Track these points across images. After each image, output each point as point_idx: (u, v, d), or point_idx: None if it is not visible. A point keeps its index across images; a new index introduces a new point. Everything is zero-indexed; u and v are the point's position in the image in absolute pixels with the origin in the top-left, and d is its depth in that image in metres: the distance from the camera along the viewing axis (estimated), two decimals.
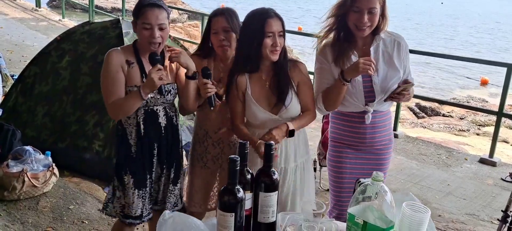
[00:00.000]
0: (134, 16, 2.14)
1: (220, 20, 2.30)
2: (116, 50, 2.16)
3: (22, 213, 3.20)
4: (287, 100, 2.15)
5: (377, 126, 2.29)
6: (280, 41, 2.11)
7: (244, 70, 2.18)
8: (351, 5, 2.10)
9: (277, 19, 2.11)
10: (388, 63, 2.22)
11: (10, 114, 4.09)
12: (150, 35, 2.08)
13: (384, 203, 1.50)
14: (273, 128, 2.12)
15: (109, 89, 2.13)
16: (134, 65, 2.15)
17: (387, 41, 2.23)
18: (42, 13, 13.11)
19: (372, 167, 2.31)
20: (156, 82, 2.02)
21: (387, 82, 2.21)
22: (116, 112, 2.17)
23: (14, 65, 6.99)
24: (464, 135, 7.77)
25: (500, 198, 4.10)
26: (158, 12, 2.07)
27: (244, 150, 1.56)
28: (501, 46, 22.54)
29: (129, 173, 2.24)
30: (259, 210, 1.57)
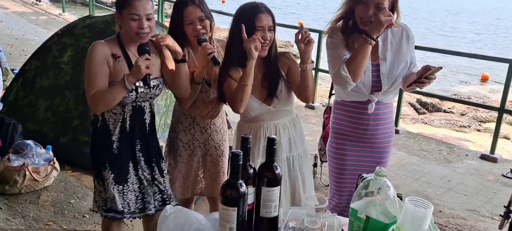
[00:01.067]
0: (119, 8, 2.08)
1: (193, 10, 2.28)
2: (100, 43, 2.12)
3: (23, 207, 3.21)
4: (278, 92, 2.18)
5: (379, 117, 2.30)
6: (270, 36, 2.13)
7: (237, 65, 2.17)
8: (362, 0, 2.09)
9: (267, 13, 2.12)
10: (396, 53, 2.23)
11: (10, 109, 4.09)
12: (138, 25, 2.05)
13: (386, 198, 1.49)
14: None
15: (91, 81, 2.08)
16: (121, 59, 2.12)
17: (395, 31, 2.24)
18: (42, 7, 13.10)
19: (373, 159, 2.34)
20: (142, 70, 1.98)
21: (394, 72, 2.23)
22: (98, 104, 2.09)
23: (15, 59, 6.98)
24: (465, 131, 7.76)
25: (501, 194, 4.11)
26: (145, 3, 2.04)
27: (246, 144, 1.55)
28: (501, 42, 22.50)
29: (109, 169, 2.21)
30: (261, 205, 1.57)
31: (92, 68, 2.08)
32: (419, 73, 2.15)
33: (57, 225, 3.07)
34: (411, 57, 2.27)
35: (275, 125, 2.24)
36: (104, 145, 2.20)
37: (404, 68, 2.24)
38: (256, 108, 2.19)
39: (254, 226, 1.58)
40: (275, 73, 2.20)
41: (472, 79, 13.48)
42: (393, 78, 2.22)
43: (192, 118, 2.48)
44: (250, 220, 1.57)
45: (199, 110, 2.45)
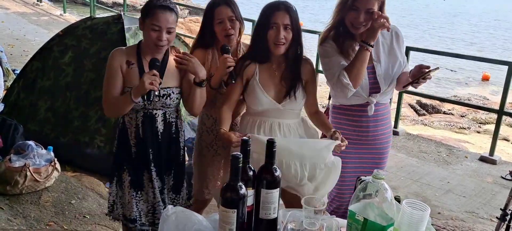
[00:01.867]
0: (143, 15, 2.11)
1: (225, 9, 2.34)
2: (119, 50, 2.18)
3: (24, 207, 3.22)
4: (296, 92, 2.20)
5: (379, 118, 2.33)
6: (285, 34, 2.12)
7: (255, 60, 2.21)
8: (351, 5, 2.14)
9: (285, 12, 2.12)
10: (389, 53, 2.27)
11: (12, 109, 4.11)
12: (157, 37, 2.07)
13: (384, 201, 1.51)
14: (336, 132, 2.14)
15: (106, 86, 2.16)
16: (134, 66, 2.15)
17: (385, 33, 2.27)
18: (43, 8, 13.12)
19: (373, 160, 2.36)
20: (146, 86, 2.00)
21: (389, 72, 2.26)
22: (110, 110, 2.19)
23: (16, 60, 7.00)
24: (464, 132, 7.78)
25: (499, 196, 4.12)
26: (169, 15, 2.06)
27: (246, 146, 1.57)
28: (500, 44, 22.53)
29: (127, 172, 2.25)
30: (260, 207, 1.59)
31: (107, 74, 2.15)
32: (413, 73, 2.18)
33: (58, 225, 3.09)
34: (402, 54, 2.30)
35: (280, 123, 2.24)
36: (125, 148, 2.25)
37: (399, 67, 2.28)
38: (265, 104, 2.20)
39: (254, 228, 1.60)
40: (295, 74, 2.21)
41: (472, 81, 13.50)
42: (390, 79, 2.26)
43: (214, 119, 2.50)
44: (250, 222, 1.59)
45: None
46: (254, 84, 2.21)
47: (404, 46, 2.34)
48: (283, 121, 2.26)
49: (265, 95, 2.20)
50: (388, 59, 2.26)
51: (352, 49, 2.22)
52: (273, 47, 2.14)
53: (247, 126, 2.28)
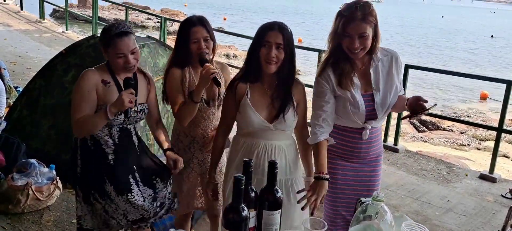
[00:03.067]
0: (104, 45, 2.18)
1: (200, 30, 2.40)
2: (91, 70, 2.22)
3: (26, 226, 3.23)
4: (286, 111, 2.20)
5: (372, 141, 2.33)
6: (277, 53, 2.13)
7: (247, 80, 2.23)
8: (342, 33, 2.14)
9: (278, 32, 2.14)
10: (387, 80, 2.28)
11: (14, 127, 4.13)
12: (124, 62, 2.16)
13: (384, 223, 1.53)
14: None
15: (77, 106, 2.17)
16: (111, 84, 2.21)
17: (384, 60, 2.29)
18: (45, 25, 13.22)
19: (366, 176, 2.37)
20: (125, 104, 2.08)
21: (387, 100, 2.27)
22: (81, 129, 2.20)
23: (18, 77, 7.04)
24: (464, 149, 7.80)
25: (500, 215, 4.12)
26: (127, 40, 2.15)
27: (248, 168, 1.60)
28: (495, 61, 22.69)
29: (108, 182, 2.25)
30: (262, 228, 1.60)
31: (80, 94, 2.18)
32: (410, 104, 2.17)
33: None
34: (399, 79, 2.33)
35: (271, 145, 2.25)
36: (99, 159, 2.25)
37: (395, 93, 2.28)
38: (256, 124, 2.21)
39: None
40: (287, 95, 2.22)
41: (471, 97, 13.55)
42: (386, 106, 2.26)
43: (192, 137, 2.54)
44: None
45: (199, 129, 2.52)
46: (245, 105, 2.21)
47: (402, 71, 2.36)
48: (275, 142, 2.25)
49: (256, 115, 2.20)
50: (386, 87, 2.26)
51: (351, 80, 2.21)
52: (264, 65, 2.15)
53: (240, 149, 2.28)
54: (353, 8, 2.10)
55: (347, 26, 2.11)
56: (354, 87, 2.21)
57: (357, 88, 2.22)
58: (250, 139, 2.25)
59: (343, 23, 2.12)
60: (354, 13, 2.09)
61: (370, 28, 2.13)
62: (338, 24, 2.15)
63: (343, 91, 2.21)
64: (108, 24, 2.25)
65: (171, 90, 2.43)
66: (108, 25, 2.24)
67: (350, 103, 2.21)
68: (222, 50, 14.14)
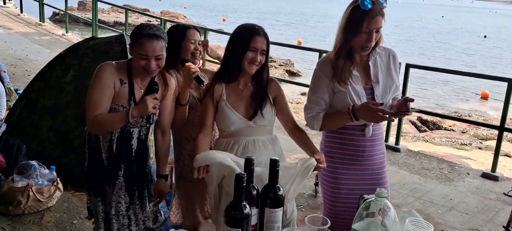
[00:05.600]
0: (132, 43, 2.12)
1: (196, 33, 2.45)
2: (111, 64, 2.15)
3: (26, 227, 3.22)
4: (263, 107, 2.22)
5: (374, 138, 2.29)
6: (261, 59, 2.18)
7: (222, 80, 2.23)
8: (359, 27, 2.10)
9: (263, 37, 2.17)
10: (386, 75, 2.26)
11: (14, 129, 4.11)
12: (145, 64, 2.08)
13: (387, 219, 1.52)
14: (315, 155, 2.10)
15: (95, 101, 2.10)
16: (126, 85, 2.14)
17: (382, 55, 2.28)
18: (45, 28, 13.23)
19: (370, 182, 2.29)
20: (149, 110, 2.03)
21: (387, 94, 2.25)
22: (97, 127, 2.15)
23: (18, 80, 7.04)
24: (466, 148, 7.78)
25: (502, 213, 4.11)
26: (156, 44, 2.06)
27: (250, 166, 1.58)
28: (491, 60, 22.71)
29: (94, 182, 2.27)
30: (264, 226, 1.59)
31: (99, 88, 2.10)
32: (398, 105, 2.17)
33: None
34: (397, 77, 2.31)
35: (254, 141, 2.23)
36: (98, 162, 2.23)
37: (395, 90, 2.27)
38: (236, 122, 2.20)
39: None
40: (262, 91, 2.25)
41: (472, 97, 13.54)
42: (387, 100, 2.23)
43: (194, 140, 2.49)
44: None
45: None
46: (223, 105, 2.20)
47: (399, 69, 2.33)
48: (257, 137, 2.24)
49: (235, 113, 2.20)
50: (385, 81, 2.24)
51: (349, 72, 2.18)
52: (248, 67, 2.16)
53: (221, 149, 2.24)
54: (371, 3, 2.07)
55: (368, 21, 2.08)
56: (354, 80, 2.19)
57: (357, 81, 2.20)
58: (232, 138, 2.23)
59: (362, 17, 2.08)
60: (374, 8, 2.07)
61: (383, 21, 2.12)
62: (353, 17, 2.11)
63: (343, 86, 2.19)
64: (141, 24, 2.17)
65: None
66: (140, 25, 2.15)
67: (351, 97, 2.17)
68: (221, 51, 14.14)
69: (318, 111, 2.24)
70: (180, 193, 2.60)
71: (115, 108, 2.13)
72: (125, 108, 2.12)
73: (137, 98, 2.15)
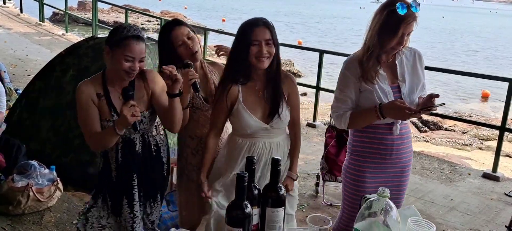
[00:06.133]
0: (114, 45, 2.04)
1: (179, 30, 2.35)
2: (85, 83, 2.13)
3: (26, 227, 3.21)
4: (281, 110, 2.18)
5: (402, 136, 2.31)
6: (268, 49, 2.10)
7: (236, 81, 2.18)
8: (394, 31, 2.14)
9: (264, 28, 2.11)
10: (412, 73, 2.29)
11: (14, 129, 4.11)
12: (130, 67, 2.03)
13: (389, 219, 1.51)
14: (285, 180, 2.19)
15: (84, 124, 2.11)
16: (103, 97, 2.11)
17: (408, 54, 2.31)
18: (45, 28, 13.22)
19: (394, 181, 2.33)
20: (129, 119, 1.97)
21: (414, 93, 2.28)
22: (96, 146, 2.16)
23: (18, 79, 7.03)
24: (467, 149, 7.77)
25: (504, 213, 4.10)
26: (141, 45, 2.04)
27: (251, 165, 1.57)
28: (492, 60, 22.70)
29: (107, 196, 2.24)
30: (266, 225, 1.58)
31: (81, 110, 2.11)
32: (424, 102, 2.19)
33: None
34: (424, 78, 2.33)
35: (270, 143, 2.22)
36: (106, 172, 2.23)
37: (421, 90, 2.30)
38: (253, 126, 2.17)
39: None
40: (278, 92, 2.19)
41: (473, 97, 13.54)
42: (413, 99, 2.26)
43: (198, 138, 2.46)
44: None
45: (204, 128, 2.43)
46: (240, 108, 2.16)
47: (424, 68, 2.35)
48: (273, 140, 2.22)
49: (252, 117, 2.16)
50: (412, 79, 2.28)
51: (375, 71, 2.21)
52: (255, 61, 2.11)
53: (236, 149, 2.22)
54: (407, 7, 2.10)
55: (404, 26, 2.12)
56: (380, 79, 2.22)
57: (384, 79, 2.23)
58: (248, 139, 2.21)
59: (398, 22, 2.11)
60: (410, 13, 2.11)
61: (416, 26, 2.17)
62: (389, 21, 2.13)
63: (370, 85, 2.21)
64: (120, 25, 2.12)
65: None
66: (120, 26, 2.11)
67: (378, 95, 2.20)
68: None
69: (345, 110, 2.27)
70: (181, 190, 2.59)
71: (104, 125, 2.11)
72: (108, 122, 2.09)
73: (117, 107, 2.11)
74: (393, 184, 2.30)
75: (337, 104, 2.30)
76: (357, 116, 2.26)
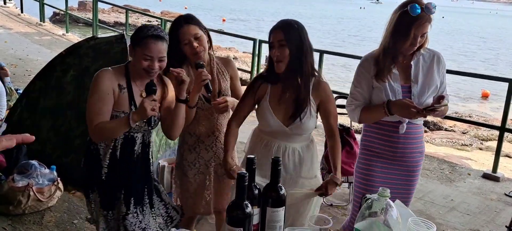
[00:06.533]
0: (134, 43, 2.08)
1: (187, 29, 2.34)
2: (108, 71, 2.12)
3: (27, 227, 3.21)
4: (303, 116, 2.18)
5: (410, 137, 2.33)
6: (280, 51, 2.13)
7: (268, 80, 2.26)
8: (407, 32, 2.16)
9: (278, 30, 2.15)
10: (427, 75, 2.30)
11: (14, 129, 4.11)
12: (148, 66, 2.05)
13: (390, 219, 1.51)
14: (327, 183, 2.18)
15: (96, 109, 2.06)
16: (125, 90, 2.11)
17: (426, 56, 2.32)
18: (46, 28, 13.23)
19: (401, 178, 2.37)
20: (148, 112, 1.97)
21: (425, 94, 2.28)
22: (100, 135, 2.11)
23: (18, 79, 7.04)
24: (466, 149, 7.77)
25: (504, 213, 4.10)
26: (160, 45, 2.05)
27: (251, 165, 1.58)
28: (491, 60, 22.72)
29: (97, 193, 2.21)
30: (266, 225, 1.58)
31: (99, 96, 2.07)
32: (433, 103, 2.22)
33: None
34: (441, 80, 2.33)
35: (286, 147, 2.24)
36: (94, 169, 2.19)
37: (434, 91, 2.30)
38: (273, 125, 2.21)
39: None
40: (303, 94, 2.18)
41: (473, 97, 13.54)
42: (423, 100, 2.26)
43: (196, 136, 2.49)
44: None
45: (203, 127, 2.48)
46: (264, 105, 2.23)
47: (444, 71, 2.36)
48: (290, 144, 2.25)
49: (273, 117, 2.20)
50: (425, 82, 2.28)
51: (388, 70, 2.25)
52: (275, 65, 2.17)
53: (256, 142, 2.33)
54: (420, 9, 2.11)
55: (416, 27, 2.14)
56: (392, 78, 2.25)
57: (396, 79, 2.26)
58: (266, 137, 2.28)
59: (409, 23, 2.14)
60: (423, 15, 2.12)
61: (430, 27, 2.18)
62: (402, 23, 2.16)
63: (381, 83, 2.25)
64: (145, 24, 2.13)
65: None
66: (144, 25, 2.13)
67: (387, 93, 2.24)
68: (223, 52, 14.12)
69: (357, 105, 2.34)
70: (176, 183, 2.63)
71: (116, 115, 2.10)
72: (125, 114, 2.09)
73: (137, 103, 2.12)
74: (402, 183, 2.35)
75: (351, 99, 2.37)
76: (367, 111, 2.32)
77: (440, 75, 2.33)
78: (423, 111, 2.17)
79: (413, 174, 2.40)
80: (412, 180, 2.40)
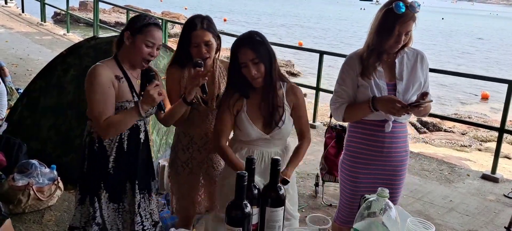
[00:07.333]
0: (134, 31, 2.10)
1: (201, 34, 2.33)
2: (102, 66, 2.09)
3: (27, 226, 3.22)
4: (279, 123, 2.20)
5: (395, 136, 2.34)
6: (256, 68, 2.10)
7: (242, 94, 2.21)
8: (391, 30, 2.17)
9: (247, 48, 2.10)
10: (411, 73, 2.32)
11: (15, 128, 4.13)
12: (149, 53, 2.11)
13: (389, 219, 1.52)
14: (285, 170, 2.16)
15: (101, 106, 2.05)
16: (123, 80, 2.13)
17: (410, 54, 2.35)
18: (47, 27, 13.24)
19: (387, 177, 2.37)
20: (156, 98, 2.03)
21: (409, 91, 2.30)
22: (111, 130, 2.09)
23: (19, 79, 7.05)
24: (466, 150, 7.78)
25: (503, 214, 4.11)
26: (160, 33, 2.14)
27: (251, 165, 1.58)
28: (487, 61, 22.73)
29: (103, 188, 2.21)
30: (265, 225, 1.59)
31: (102, 91, 2.05)
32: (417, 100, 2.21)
33: None
34: (424, 80, 2.35)
35: (268, 153, 2.24)
36: (101, 166, 2.19)
37: (418, 88, 2.32)
38: (254, 135, 2.21)
39: None
40: (273, 101, 2.19)
41: (472, 98, 13.54)
42: (408, 97, 2.29)
43: (190, 137, 2.50)
44: None
45: (198, 128, 2.48)
46: (243, 117, 2.20)
47: (427, 70, 2.38)
48: (270, 150, 2.25)
49: (253, 127, 2.19)
50: (409, 79, 2.31)
51: (374, 68, 2.27)
52: (253, 82, 2.15)
53: (236, 151, 2.26)
54: (404, 7, 2.13)
55: (400, 25, 2.16)
56: (377, 75, 2.27)
57: (381, 76, 2.28)
58: (246, 145, 2.25)
59: (394, 21, 2.16)
60: (407, 13, 2.14)
61: (413, 24, 2.19)
62: (386, 21, 2.18)
63: (367, 80, 2.27)
64: (140, 13, 2.19)
65: (168, 88, 2.42)
66: (141, 14, 2.21)
67: (372, 90, 2.25)
68: (223, 52, 14.14)
69: (342, 103, 2.34)
70: (172, 181, 2.64)
71: (121, 106, 2.11)
72: (130, 103, 2.12)
73: (136, 89, 2.17)
74: (387, 182, 2.34)
75: (335, 97, 2.37)
76: (352, 108, 2.32)
77: (424, 73, 2.35)
78: (408, 107, 2.18)
79: (399, 173, 2.40)
80: (398, 179, 2.40)
